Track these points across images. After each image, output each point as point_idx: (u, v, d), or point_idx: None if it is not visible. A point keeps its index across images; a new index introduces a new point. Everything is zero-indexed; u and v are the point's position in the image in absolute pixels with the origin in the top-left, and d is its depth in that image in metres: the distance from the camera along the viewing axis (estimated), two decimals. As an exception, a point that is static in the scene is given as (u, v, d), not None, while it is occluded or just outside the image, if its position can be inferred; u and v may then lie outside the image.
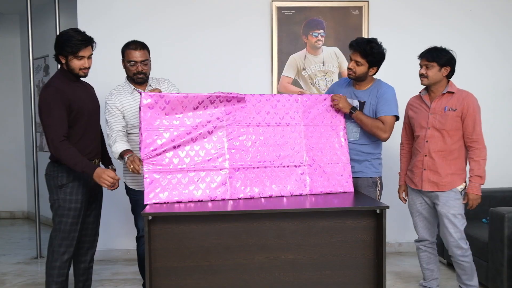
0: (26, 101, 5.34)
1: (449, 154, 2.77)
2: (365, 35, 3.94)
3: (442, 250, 3.79)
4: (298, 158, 2.71)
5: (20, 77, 5.63)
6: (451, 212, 2.75)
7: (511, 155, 4.15)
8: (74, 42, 2.51)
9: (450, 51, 2.78)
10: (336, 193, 2.75)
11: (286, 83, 3.94)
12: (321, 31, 3.97)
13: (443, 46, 2.80)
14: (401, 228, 4.11)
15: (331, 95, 2.83)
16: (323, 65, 3.99)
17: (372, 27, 3.97)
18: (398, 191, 3.07)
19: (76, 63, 2.56)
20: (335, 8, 3.95)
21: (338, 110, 2.83)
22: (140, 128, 2.45)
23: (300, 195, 2.68)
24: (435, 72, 2.75)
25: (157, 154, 2.45)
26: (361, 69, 2.78)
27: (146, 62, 2.80)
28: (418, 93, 2.95)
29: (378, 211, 2.34)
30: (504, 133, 4.13)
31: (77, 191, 2.62)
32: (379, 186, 2.88)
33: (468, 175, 2.80)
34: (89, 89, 2.77)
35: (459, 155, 2.78)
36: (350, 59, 2.83)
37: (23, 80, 5.58)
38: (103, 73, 3.69)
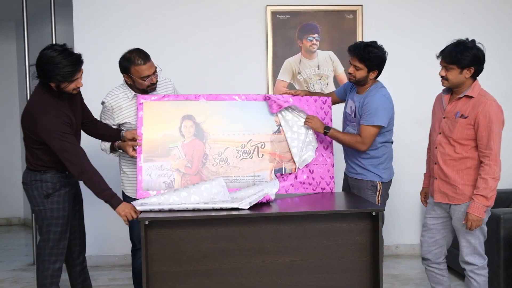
0: (22, 108, 5.34)
1: (461, 163, 2.47)
2: (359, 39, 3.95)
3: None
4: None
5: (16, 84, 5.63)
6: (464, 229, 2.48)
7: (506, 157, 4.16)
8: (65, 71, 2.35)
9: (476, 46, 2.43)
10: (317, 193, 2.82)
11: (281, 87, 3.95)
12: (316, 35, 3.99)
13: (469, 39, 2.47)
14: (398, 230, 4.12)
15: (307, 115, 2.77)
16: (318, 69, 4.01)
17: (366, 31, 4.00)
18: (420, 193, 2.86)
19: (70, 86, 2.43)
20: (330, 13, 3.97)
21: (326, 113, 2.88)
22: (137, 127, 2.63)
23: (286, 192, 2.75)
24: (455, 75, 2.43)
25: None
26: (360, 74, 2.76)
27: (156, 71, 2.71)
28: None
29: (374, 213, 2.34)
30: (499, 135, 4.14)
31: (64, 199, 2.56)
32: (380, 191, 2.84)
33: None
34: (74, 101, 2.61)
35: (473, 164, 2.45)
36: (349, 64, 2.82)
37: (19, 86, 5.58)
38: (99, 80, 3.69)
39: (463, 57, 2.40)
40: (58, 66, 2.34)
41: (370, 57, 2.71)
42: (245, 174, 2.72)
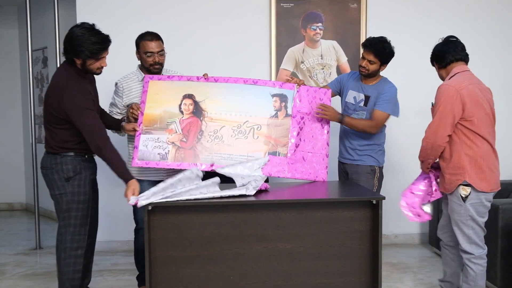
0: (25, 93, 5.35)
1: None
2: (363, 29, 3.96)
3: (437, 240, 3.84)
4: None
5: (19, 69, 5.63)
6: (455, 218, 2.59)
7: (506, 150, 4.18)
8: (93, 47, 2.42)
9: (437, 44, 2.70)
10: (312, 181, 2.87)
11: (284, 76, 3.96)
12: (320, 24, 3.98)
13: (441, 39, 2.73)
14: (397, 219, 4.13)
15: (319, 104, 2.89)
16: (321, 58, 4.01)
17: (370, 20, 3.99)
18: None
19: (95, 65, 2.50)
20: (334, 2, 3.96)
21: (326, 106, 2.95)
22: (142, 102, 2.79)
23: (278, 176, 2.83)
24: (438, 72, 2.75)
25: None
26: (373, 67, 2.96)
27: (162, 52, 2.85)
28: None
29: (374, 201, 2.37)
30: (500, 128, 4.15)
31: (85, 183, 2.56)
32: (377, 175, 3.04)
33: (470, 177, 2.54)
34: (93, 83, 2.71)
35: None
36: (362, 58, 2.98)
37: (21, 72, 5.58)
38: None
39: (433, 57, 2.74)
40: (87, 42, 2.42)
41: (386, 52, 2.93)
42: (239, 153, 2.78)
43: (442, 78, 2.71)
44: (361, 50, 3.05)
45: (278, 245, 2.37)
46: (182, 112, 2.80)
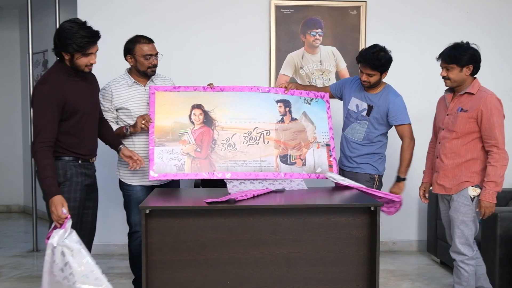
0: (24, 96, 5.36)
1: (459, 156, 2.62)
2: (362, 35, 3.97)
3: (435, 248, 3.83)
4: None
5: (19, 72, 5.64)
6: (460, 218, 2.62)
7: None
8: (81, 41, 2.38)
9: (472, 47, 2.60)
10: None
11: (283, 81, 3.97)
12: (319, 30, 4.00)
13: (464, 41, 2.64)
14: (395, 226, 4.14)
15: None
16: (321, 64, 4.02)
17: (370, 27, 4.00)
18: (419, 188, 2.93)
19: (83, 61, 2.44)
20: (333, 8, 3.98)
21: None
22: (151, 113, 2.79)
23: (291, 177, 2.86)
24: (456, 73, 2.59)
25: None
26: (374, 78, 2.91)
27: (157, 54, 2.87)
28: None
29: (372, 208, 2.37)
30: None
31: (75, 189, 2.52)
32: (377, 183, 3.03)
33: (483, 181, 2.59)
34: (91, 84, 2.62)
35: (472, 158, 2.59)
36: (360, 72, 2.94)
37: (21, 74, 5.59)
38: (102, 68, 3.68)
39: (461, 56, 2.57)
40: (75, 36, 2.39)
41: (382, 63, 2.86)
42: (252, 159, 2.81)
43: (457, 82, 2.62)
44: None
45: (275, 251, 2.36)
46: (192, 122, 2.82)
